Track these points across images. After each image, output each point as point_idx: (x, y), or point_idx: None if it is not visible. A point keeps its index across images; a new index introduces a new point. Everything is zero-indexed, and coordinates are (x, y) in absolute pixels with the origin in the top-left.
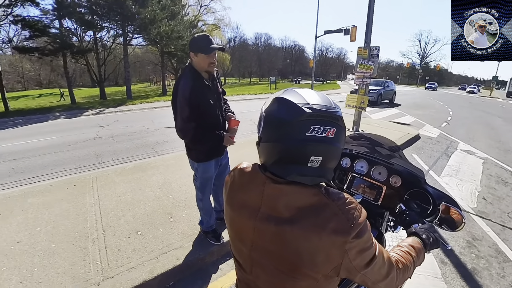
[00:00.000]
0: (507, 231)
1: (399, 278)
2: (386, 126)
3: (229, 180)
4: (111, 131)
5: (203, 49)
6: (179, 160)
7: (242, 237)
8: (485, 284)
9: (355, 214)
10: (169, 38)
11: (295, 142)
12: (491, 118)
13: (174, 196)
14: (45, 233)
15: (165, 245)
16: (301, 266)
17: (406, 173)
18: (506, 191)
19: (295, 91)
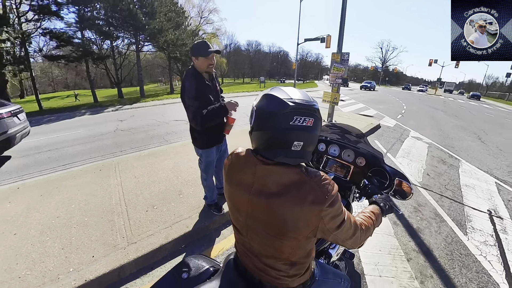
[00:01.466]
0: (444, 199)
1: (362, 236)
2: (354, 118)
3: (228, 162)
4: (128, 125)
5: (202, 52)
6: (185, 147)
7: (239, 208)
8: (426, 239)
9: (329, 188)
10: (175, 45)
11: (281, 130)
12: (434, 112)
13: (182, 176)
14: (78, 209)
15: (177, 216)
16: (286, 230)
17: (369, 155)
18: (444, 169)
19: (280, 88)
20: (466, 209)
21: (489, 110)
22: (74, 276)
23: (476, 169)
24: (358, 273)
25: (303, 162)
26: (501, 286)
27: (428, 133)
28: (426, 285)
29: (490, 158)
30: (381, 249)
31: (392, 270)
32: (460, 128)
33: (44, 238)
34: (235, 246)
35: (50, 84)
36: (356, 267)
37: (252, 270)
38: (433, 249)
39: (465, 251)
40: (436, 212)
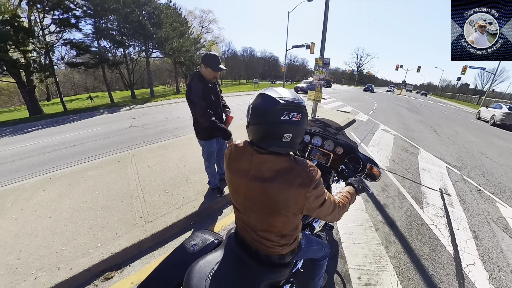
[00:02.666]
0: (405, 180)
1: (340, 212)
2: (333, 113)
3: (228, 152)
4: (141, 122)
5: (213, 66)
6: (191, 140)
7: (238, 191)
8: (390, 212)
9: (313, 174)
10: (179, 51)
11: (273, 124)
12: (400, 109)
13: (189, 165)
14: (102, 195)
15: (185, 198)
16: (278, 208)
17: (346, 144)
18: (406, 156)
19: (273, 89)
20: (423, 188)
21: (443, 108)
22: (101, 250)
23: (432, 155)
24: (336, 241)
25: (292, 151)
26: (447, 248)
27: (394, 126)
28: (389, 249)
29: (443, 147)
30: (355, 221)
31: (363, 238)
32: (420, 122)
33: (74, 220)
34: (235, 222)
35: (72, 88)
36: (334, 236)
37: (249, 241)
38: (396, 220)
39: (420, 221)
40: (399, 191)
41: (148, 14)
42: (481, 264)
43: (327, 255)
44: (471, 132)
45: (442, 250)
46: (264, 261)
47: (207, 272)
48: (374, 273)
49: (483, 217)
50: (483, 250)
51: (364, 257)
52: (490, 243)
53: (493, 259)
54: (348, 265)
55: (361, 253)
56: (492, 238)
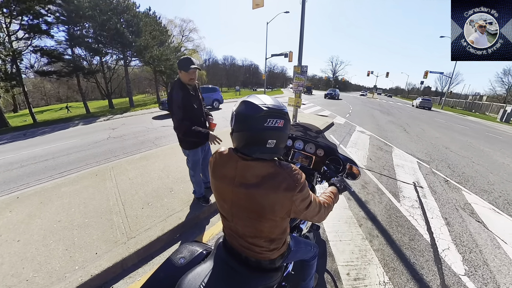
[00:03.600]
0: (382, 177)
1: (325, 212)
2: (313, 118)
3: (213, 160)
4: (120, 132)
5: (184, 68)
6: (174, 149)
7: (224, 198)
8: (371, 208)
9: (298, 177)
10: (159, 60)
11: (257, 131)
12: (373, 111)
13: (172, 175)
14: (79, 212)
15: (170, 210)
16: (265, 213)
17: (326, 147)
18: (381, 154)
19: (256, 96)
20: (398, 183)
21: (410, 108)
22: (80, 273)
23: (404, 152)
24: (324, 240)
25: (277, 156)
26: (424, 236)
27: (369, 127)
28: (373, 242)
29: (413, 144)
30: (340, 219)
31: (349, 234)
32: (391, 123)
33: (47, 242)
34: (223, 230)
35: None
36: (321, 235)
37: (238, 248)
38: (377, 215)
39: (399, 214)
40: (378, 187)
41: (126, 22)
42: (454, 248)
43: (316, 255)
44: (435, 129)
45: (420, 239)
46: (255, 268)
47: (197, 285)
48: (362, 267)
49: (452, 205)
50: (455, 235)
51: (351, 253)
52: (460, 227)
53: (464, 242)
54: (336, 263)
55: (348, 250)
56: (461, 223)
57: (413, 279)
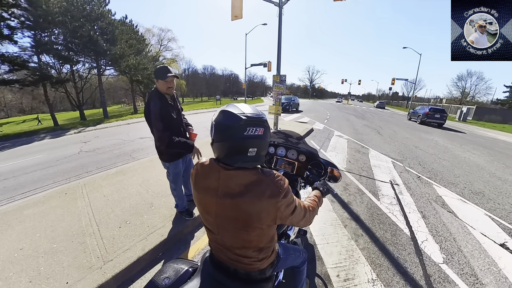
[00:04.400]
0: (362, 177)
1: (311, 216)
2: (293, 125)
3: (194, 172)
4: (93, 145)
5: (162, 76)
6: (153, 162)
7: (208, 210)
8: (354, 208)
9: (281, 183)
10: (136, 69)
11: (237, 140)
12: (349, 116)
13: (152, 189)
14: (45, 237)
15: (151, 227)
16: (251, 222)
17: (307, 152)
18: (359, 156)
19: (234, 105)
20: (376, 182)
21: (381, 112)
22: None
23: (379, 153)
24: (312, 244)
25: (259, 164)
26: (404, 230)
27: (346, 131)
28: (359, 242)
29: (386, 145)
30: (325, 222)
31: (335, 236)
32: (366, 126)
33: (7, 275)
34: (209, 244)
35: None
36: (309, 240)
37: (226, 262)
38: (360, 214)
39: (380, 211)
40: (359, 188)
41: (100, 30)
42: (432, 239)
43: (306, 260)
44: (405, 130)
45: (401, 234)
46: (245, 280)
47: None
48: (350, 267)
49: (426, 198)
50: (431, 227)
51: (339, 254)
52: (435, 219)
53: (439, 232)
54: (326, 266)
55: (335, 251)
56: (435, 215)
57: (398, 272)
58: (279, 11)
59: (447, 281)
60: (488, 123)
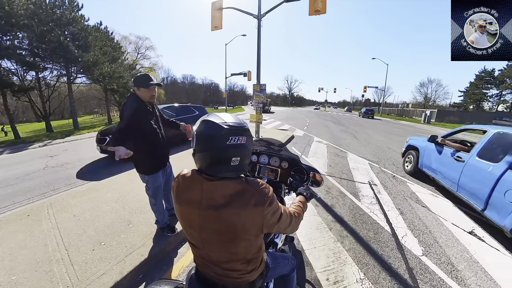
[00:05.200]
0: (342, 180)
1: (297, 222)
2: (275, 132)
3: (175, 184)
4: (61, 160)
5: (144, 84)
6: (130, 175)
7: (191, 224)
8: (337, 211)
9: (266, 191)
10: (111, 77)
11: (220, 149)
12: (327, 122)
13: (129, 206)
14: (1, 268)
15: (129, 247)
16: (238, 233)
17: (289, 158)
18: (339, 160)
19: (216, 114)
20: (356, 184)
21: (356, 118)
22: None
23: (357, 156)
24: (299, 250)
25: (242, 173)
26: (385, 228)
27: (325, 137)
28: (344, 243)
29: (363, 148)
30: (311, 227)
31: (322, 240)
32: (343, 132)
33: None
34: (194, 260)
35: None
36: (297, 246)
37: (214, 278)
38: (343, 216)
39: (361, 212)
40: (340, 190)
41: (72, 35)
42: (410, 233)
43: (295, 267)
44: (378, 134)
45: (382, 231)
46: None
47: None
48: (338, 269)
49: (402, 196)
50: (409, 222)
51: (326, 258)
52: (411, 214)
53: (416, 226)
54: (315, 270)
55: (323, 255)
56: (411, 210)
57: (384, 269)
58: (257, 23)
59: (427, 272)
60: (448, 124)
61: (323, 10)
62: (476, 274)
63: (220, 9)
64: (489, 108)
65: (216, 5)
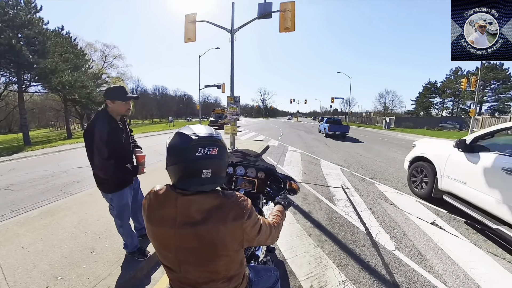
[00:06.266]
0: (317, 186)
1: (277, 232)
2: (250, 143)
3: (146, 202)
4: (5, 181)
5: (121, 97)
6: (92, 196)
7: (166, 245)
8: (315, 216)
9: (244, 204)
10: (72, 87)
11: (189, 162)
12: (299, 132)
13: (92, 230)
14: None
15: (92, 279)
16: (217, 251)
17: (265, 168)
18: (313, 167)
19: (189, 127)
20: (330, 189)
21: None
22: None
23: (329, 162)
24: (281, 260)
25: (217, 186)
26: (360, 228)
27: (299, 146)
28: (324, 247)
29: (334, 155)
30: (291, 235)
31: (302, 246)
32: (315, 140)
33: None
34: (170, 285)
35: None
36: (278, 256)
37: None
38: (321, 221)
39: (337, 215)
40: (316, 196)
41: (27, 39)
42: (383, 231)
43: (278, 278)
44: (347, 140)
45: (358, 231)
46: None
47: None
48: (321, 274)
49: (372, 196)
50: (380, 220)
51: (308, 264)
52: (381, 213)
53: (387, 224)
54: (298, 279)
55: (305, 262)
56: (381, 209)
57: (363, 268)
58: (231, 37)
59: (401, 265)
60: (405, 129)
61: (292, 28)
62: (442, 260)
63: (194, 22)
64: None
65: (190, 18)
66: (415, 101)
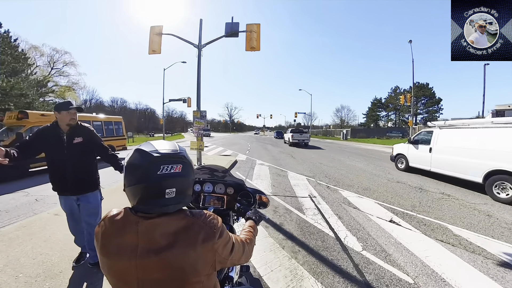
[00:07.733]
0: (287, 198)
1: (250, 249)
2: (218, 158)
3: (100, 230)
4: None
5: (65, 108)
6: (27, 228)
7: (126, 279)
8: (287, 227)
9: (215, 222)
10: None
11: (150, 181)
12: (266, 145)
13: (26, 273)
14: None
15: None
16: (188, 278)
17: (234, 184)
18: (281, 179)
19: (150, 143)
20: (299, 199)
21: None
22: None
23: (296, 174)
24: (257, 278)
25: (183, 206)
26: (329, 234)
27: (266, 159)
28: (298, 257)
29: (300, 166)
30: (265, 250)
31: (277, 261)
32: (281, 153)
33: None
34: None
35: None
36: (253, 274)
37: None
38: (292, 232)
39: (307, 224)
40: (286, 208)
41: None
42: (350, 234)
43: None
44: (311, 152)
45: (328, 238)
46: None
47: None
48: (298, 286)
49: (337, 202)
50: (346, 224)
51: (284, 278)
52: (347, 217)
53: (353, 227)
54: None
55: (281, 276)
56: (346, 213)
57: (336, 273)
58: (198, 52)
59: (369, 263)
60: (360, 139)
61: (258, 48)
62: (402, 253)
63: (160, 35)
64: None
65: (155, 30)
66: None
